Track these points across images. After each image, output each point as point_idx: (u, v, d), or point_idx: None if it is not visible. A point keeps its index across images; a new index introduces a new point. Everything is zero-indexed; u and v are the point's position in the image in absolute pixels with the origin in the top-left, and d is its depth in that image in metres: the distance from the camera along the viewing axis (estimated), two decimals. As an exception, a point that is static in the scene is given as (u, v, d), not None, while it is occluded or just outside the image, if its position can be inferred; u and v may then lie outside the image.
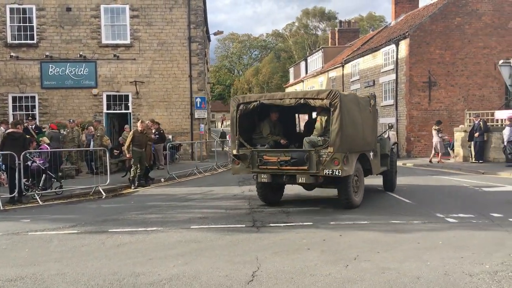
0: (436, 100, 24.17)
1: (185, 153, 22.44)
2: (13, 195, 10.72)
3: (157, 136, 17.46)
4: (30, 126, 15.66)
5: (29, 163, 11.53)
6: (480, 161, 18.77)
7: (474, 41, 24.24)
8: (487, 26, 24.29)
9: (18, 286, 5.14)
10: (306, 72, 45.89)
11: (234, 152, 9.85)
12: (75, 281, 5.25)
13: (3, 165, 11.89)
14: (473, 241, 6.63)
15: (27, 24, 21.26)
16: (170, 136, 21.16)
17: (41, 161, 11.98)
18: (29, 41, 21.25)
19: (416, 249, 6.25)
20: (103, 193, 12.21)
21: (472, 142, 19.37)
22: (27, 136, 12.00)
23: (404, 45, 24.49)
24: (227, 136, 30.38)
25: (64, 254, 6.46)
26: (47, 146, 12.99)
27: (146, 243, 6.98)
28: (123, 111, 22.11)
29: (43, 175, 11.81)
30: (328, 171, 8.96)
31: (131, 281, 5.20)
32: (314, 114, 11.53)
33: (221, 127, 68.33)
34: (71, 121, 18.29)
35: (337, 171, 8.91)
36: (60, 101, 21.46)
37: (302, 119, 13.08)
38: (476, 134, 18.84)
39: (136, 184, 13.79)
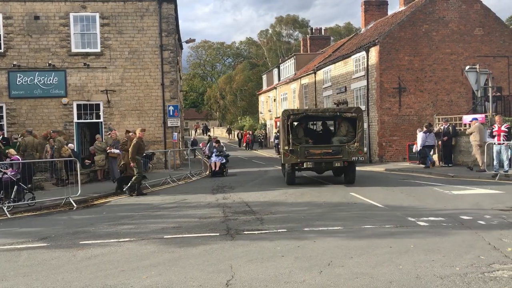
0: (406, 106, 24.67)
1: (158, 162, 22.19)
2: (-21, 208, 10.37)
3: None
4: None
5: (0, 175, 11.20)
6: (449, 165, 19.22)
7: (441, 48, 24.88)
8: (453, 33, 24.99)
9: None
10: (279, 79, 46.19)
11: (286, 148, 14.60)
12: (44, 296, 5.11)
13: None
14: (443, 244, 6.76)
15: (-7, 33, 20.74)
16: (143, 145, 20.90)
17: (12, 173, 11.65)
18: (-5, 50, 20.74)
19: (389, 253, 6.34)
20: (74, 204, 11.95)
21: (441, 146, 19.82)
22: (2, 149, 11.69)
23: (374, 52, 24.94)
24: (200, 144, 30.21)
25: (33, 268, 6.27)
26: (18, 157, 12.64)
27: (118, 255, 6.85)
28: (94, 120, 21.73)
29: (15, 186, 11.48)
30: (355, 158, 14.55)
31: (102, 294, 5.10)
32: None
33: (195, 135, 67.99)
34: (28, 131, 17.80)
35: (361, 157, 14.67)
36: (28, 111, 20.95)
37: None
38: (445, 138, 19.30)
39: (138, 191, 13.91)
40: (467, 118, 20.48)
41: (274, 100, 46.59)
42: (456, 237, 7.19)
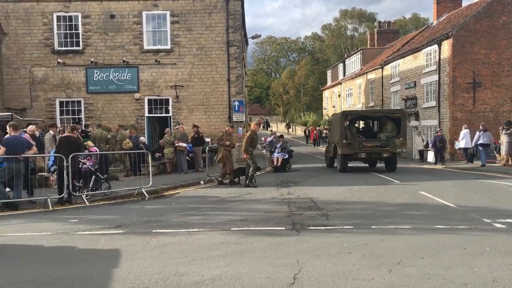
0: (481, 102, 23.40)
1: (223, 156, 22.60)
2: (62, 195, 11.13)
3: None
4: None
5: (80, 165, 11.98)
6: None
7: (521, 40, 23.31)
8: (535, 24, 23.31)
9: (68, 283, 5.35)
10: (344, 75, 45.44)
11: (344, 141, 17.78)
12: (122, 280, 5.41)
13: (53, 167, 12.39)
14: (523, 247, 6.39)
15: (73, 31, 22.06)
16: (208, 139, 21.41)
17: (91, 163, 12.42)
18: (75, 48, 22.05)
19: (463, 255, 6.08)
20: (146, 194, 12.51)
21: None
22: (81, 141, 12.51)
23: (447, 45, 23.85)
24: (262, 139, 30.36)
25: (110, 254, 6.67)
26: (96, 149, 13.44)
27: (188, 244, 7.11)
28: (164, 114, 22.56)
29: (93, 176, 12.24)
30: (400, 149, 18.30)
31: (175, 281, 5.32)
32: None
33: (258, 130, 68.51)
34: (97, 125, 18.82)
35: (403, 149, 18.69)
36: (104, 105, 22.15)
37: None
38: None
39: (254, 183, 14.31)
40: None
41: (339, 95, 45.93)
42: (537, 241, 6.76)
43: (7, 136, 11.06)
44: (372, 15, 74.41)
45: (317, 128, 45.94)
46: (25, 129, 13.18)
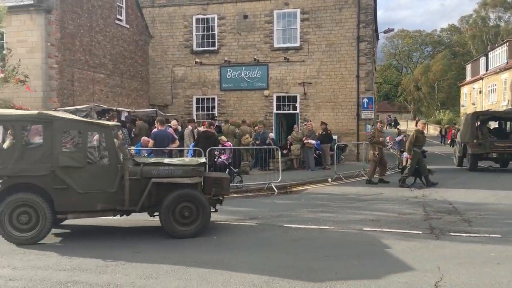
0: None
1: (350, 154, 22.20)
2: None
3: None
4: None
5: (215, 158, 12.75)
6: None
7: None
8: None
9: (205, 271, 5.69)
10: (487, 69, 41.45)
11: (475, 141, 17.68)
12: (260, 270, 5.62)
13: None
14: None
15: (210, 33, 23.46)
16: (335, 137, 21.17)
17: (225, 157, 13.14)
18: (211, 48, 23.42)
19: None
20: (275, 189, 12.79)
21: None
22: (217, 136, 13.35)
23: None
24: (388, 138, 28.95)
25: (245, 245, 6.96)
26: (230, 144, 14.15)
27: (321, 241, 7.12)
28: (291, 111, 22.87)
29: (227, 169, 12.92)
30: None
31: (310, 276, 5.36)
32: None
33: (387, 128, 65.87)
34: (225, 121, 19.72)
35: None
36: (235, 102, 23.21)
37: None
38: None
39: (406, 184, 13.82)
40: None
41: (480, 92, 42.09)
42: None
43: (154, 130, 12.19)
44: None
45: (455, 127, 42.57)
46: (169, 124, 14.38)
